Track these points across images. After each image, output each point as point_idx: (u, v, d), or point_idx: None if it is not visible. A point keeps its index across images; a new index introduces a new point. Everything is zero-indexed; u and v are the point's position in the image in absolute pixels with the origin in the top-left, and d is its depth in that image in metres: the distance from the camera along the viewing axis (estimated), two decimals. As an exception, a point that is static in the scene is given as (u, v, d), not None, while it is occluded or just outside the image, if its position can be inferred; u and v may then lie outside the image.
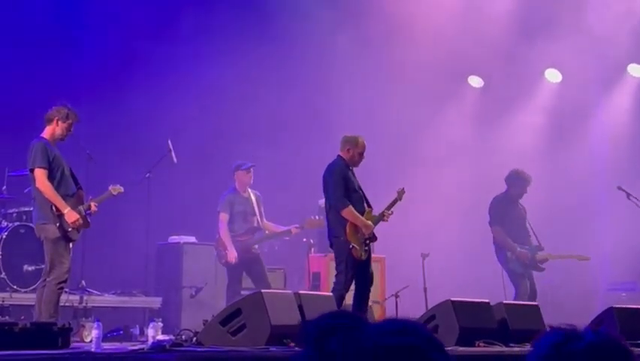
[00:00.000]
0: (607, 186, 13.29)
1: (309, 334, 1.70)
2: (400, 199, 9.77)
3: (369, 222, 9.27)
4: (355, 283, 9.23)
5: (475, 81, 15.36)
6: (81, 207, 8.57)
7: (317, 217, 11.30)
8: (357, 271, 9.19)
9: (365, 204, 9.42)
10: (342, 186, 9.19)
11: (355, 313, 1.67)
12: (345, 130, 9.87)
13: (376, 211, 9.52)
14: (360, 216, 9.22)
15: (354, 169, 9.46)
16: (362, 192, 9.45)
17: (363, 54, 14.16)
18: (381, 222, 9.51)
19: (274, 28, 13.53)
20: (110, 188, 9.12)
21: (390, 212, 9.61)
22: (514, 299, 10.92)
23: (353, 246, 9.11)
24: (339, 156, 9.39)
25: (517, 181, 11.57)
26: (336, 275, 9.25)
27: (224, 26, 13.34)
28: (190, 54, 13.33)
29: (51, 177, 8.42)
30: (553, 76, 15.18)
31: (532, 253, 11.43)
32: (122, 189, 9.18)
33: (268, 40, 13.50)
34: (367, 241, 9.28)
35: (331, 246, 9.40)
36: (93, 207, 8.69)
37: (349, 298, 9.43)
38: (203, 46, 13.34)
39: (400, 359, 1.58)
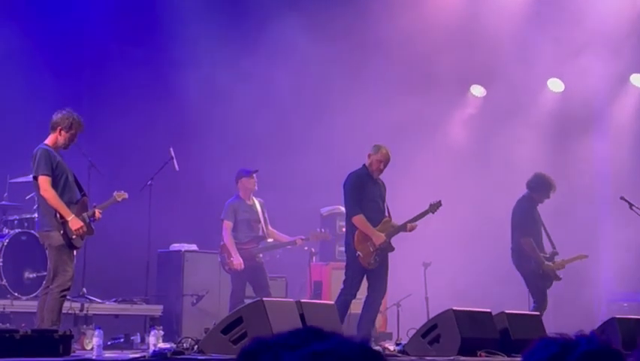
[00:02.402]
0: (609, 196, 13.26)
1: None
2: (433, 212, 9.78)
3: (380, 233, 9.31)
4: (367, 291, 9.45)
5: (478, 90, 15.35)
6: (85, 215, 8.48)
7: (321, 230, 11.41)
8: (369, 279, 9.41)
9: (386, 214, 9.56)
10: (355, 193, 9.36)
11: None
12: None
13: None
14: (371, 226, 9.31)
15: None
16: (382, 201, 9.57)
17: (364, 62, 14.14)
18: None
19: (275, 30, 13.53)
20: (115, 194, 9.08)
21: (414, 224, 9.65)
22: (533, 310, 10.41)
23: (358, 254, 9.22)
24: (364, 164, 9.56)
25: (541, 186, 10.87)
26: (343, 281, 9.46)
27: (225, 30, 13.35)
28: (192, 60, 13.32)
29: (55, 185, 8.31)
30: (555, 85, 15.17)
31: (552, 262, 10.86)
32: (126, 195, 9.14)
33: (270, 43, 13.51)
34: (379, 251, 9.33)
35: (346, 251, 9.61)
36: (97, 214, 8.63)
37: (357, 308, 9.52)
38: (204, 51, 13.33)
39: None
